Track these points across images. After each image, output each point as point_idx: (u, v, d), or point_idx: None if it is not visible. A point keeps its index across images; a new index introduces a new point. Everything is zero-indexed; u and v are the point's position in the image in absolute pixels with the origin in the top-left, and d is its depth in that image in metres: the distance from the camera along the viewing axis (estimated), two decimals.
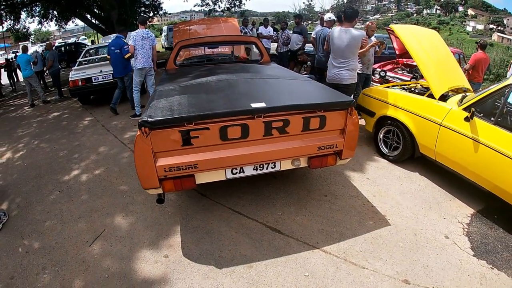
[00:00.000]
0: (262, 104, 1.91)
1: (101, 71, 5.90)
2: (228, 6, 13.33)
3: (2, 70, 9.91)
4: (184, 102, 2.05)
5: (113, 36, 9.48)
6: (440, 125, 2.68)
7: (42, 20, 11.13)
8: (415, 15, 52.62)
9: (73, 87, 5.78)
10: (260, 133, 1.97)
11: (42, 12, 10.82)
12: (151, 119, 1.75)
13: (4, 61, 10.42)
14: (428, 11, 54.93)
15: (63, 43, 12.90)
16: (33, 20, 11.47)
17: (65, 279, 2.05)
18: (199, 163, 1.94)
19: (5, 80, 9.98)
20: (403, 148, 3.12)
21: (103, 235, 2.44)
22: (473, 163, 2.43)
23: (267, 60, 4.00)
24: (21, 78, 9.86)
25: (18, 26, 11.47)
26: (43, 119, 5.83)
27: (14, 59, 10.59)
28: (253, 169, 2.17)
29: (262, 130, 1.96)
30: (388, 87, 3.51)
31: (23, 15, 11.02)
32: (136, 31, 4.74)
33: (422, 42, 2.98)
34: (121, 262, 2.14)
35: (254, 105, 1.90)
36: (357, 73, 4.45)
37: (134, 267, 2.09)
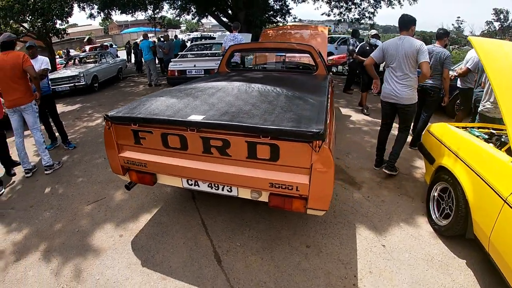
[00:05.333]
0: (198, 118, 1.96)
1: (194, 66, 7.26)
2: (358, 17, 13.11)
3: None
4: (150, 104, 2.36)
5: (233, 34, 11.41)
6: (505, 201, 1.88)
7: (180, 13, 14.23)
8: None
9: (170, 76, 7.38)
10: (199, 148, 2.04)
11: (182, 5, 13.75)
12: (110, 114, 2.22)
13: None
14: None
15: (198, 36, 16.26)
16: (175, 12, 14.46)
17: (56, 220, 2.87)
18: (147, 164, 2.26)
19: None
20: (454, 219, 2.34)
21: (101, 201, 3.17)
22: None
23: (321, 73, 3.85)
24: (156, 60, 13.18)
25: (156, 15, 14.70)
26: None
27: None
28: (208, 186, 2.23)
29: (201, 145, 2.03)
30: (465, 127, 2.67)
31: (166, 6, 14.24)
32: (228, 34, 6.32)
33: None
34: (92, 225, 2.77)
35: (191, 118, 1.98)
36: (462, 88, 4.26)
37: (95, 233, 2.66)
